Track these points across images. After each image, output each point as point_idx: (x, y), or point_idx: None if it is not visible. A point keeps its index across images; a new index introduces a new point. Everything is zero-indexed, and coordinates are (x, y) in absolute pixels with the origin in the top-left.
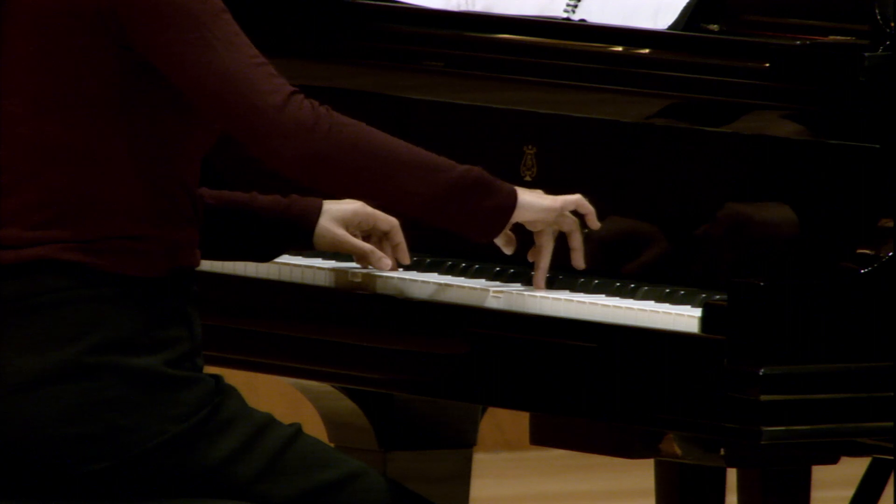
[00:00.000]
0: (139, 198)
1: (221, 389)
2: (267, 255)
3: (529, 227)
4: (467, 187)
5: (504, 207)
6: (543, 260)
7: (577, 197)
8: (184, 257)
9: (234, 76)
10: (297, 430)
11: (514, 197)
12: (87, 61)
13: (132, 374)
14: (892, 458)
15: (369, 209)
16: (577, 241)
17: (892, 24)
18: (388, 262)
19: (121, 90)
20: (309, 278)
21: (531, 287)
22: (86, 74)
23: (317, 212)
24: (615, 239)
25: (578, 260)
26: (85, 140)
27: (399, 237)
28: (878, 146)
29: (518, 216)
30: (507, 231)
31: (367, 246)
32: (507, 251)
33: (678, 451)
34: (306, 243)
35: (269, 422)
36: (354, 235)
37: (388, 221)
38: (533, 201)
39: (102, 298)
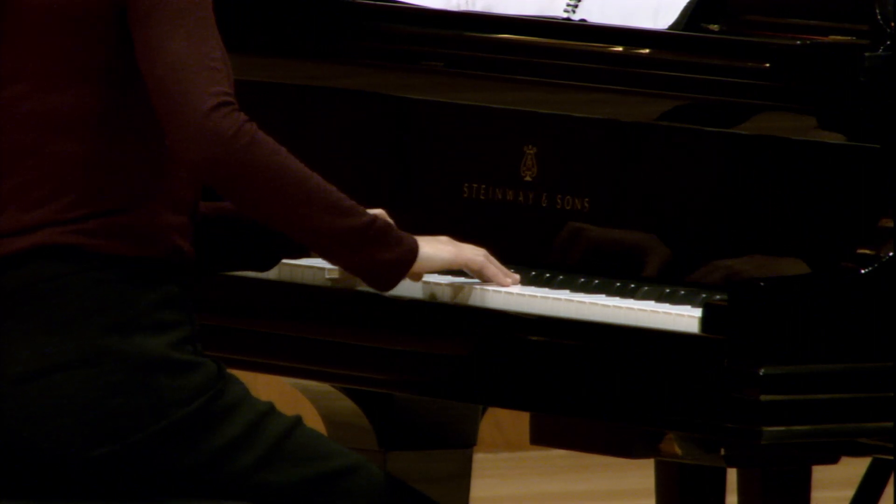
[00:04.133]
0: (139, 171)
1: (223, 375)
2: (264, 265)
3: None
4: (369, 237)
5: (401, 262)
6: (489, 278)
7: (480, 263)
8: (179, 240)
9: (182, 65)
10: (298, 420)
11: (414, 253)
12: (93, 36)
13: (135, 357)
14: (892, 458)
15: None
16: (488, 275)
17: (892, 24)
18: None
19: (126, 62)
20: (309, 278)
21: (531, 287)
22: (91, 48)
23: None
24: (615, 239)
25: (501, 282)
26: (89, 109)
27: None
28: (878, 146)
29: (418, 269)
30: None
31: None
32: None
33: (678, 451)
34: (302, 249)
35: (270, 409)
36: None
37: None
38: (433, 255)
39: (102, 281)
